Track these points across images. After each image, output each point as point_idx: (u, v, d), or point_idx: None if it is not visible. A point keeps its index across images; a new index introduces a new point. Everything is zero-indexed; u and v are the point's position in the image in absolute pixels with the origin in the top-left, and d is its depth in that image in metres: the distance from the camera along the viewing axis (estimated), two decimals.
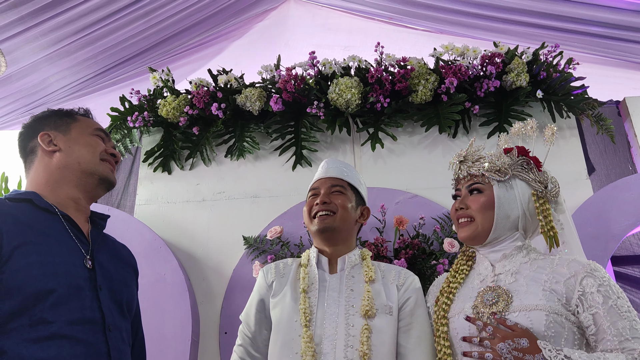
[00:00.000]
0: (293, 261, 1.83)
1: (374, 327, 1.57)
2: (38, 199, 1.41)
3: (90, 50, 3.48)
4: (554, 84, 2.71)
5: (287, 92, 2.71)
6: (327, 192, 1.77)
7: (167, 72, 2.96)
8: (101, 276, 1.41)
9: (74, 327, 1.27)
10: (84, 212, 1.52)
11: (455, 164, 1.70)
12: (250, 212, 2.73)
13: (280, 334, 1.62)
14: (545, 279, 1.49)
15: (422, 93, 2.70)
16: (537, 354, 1.35)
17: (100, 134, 1.58)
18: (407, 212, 2.56)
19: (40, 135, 1.49)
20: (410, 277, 1.74)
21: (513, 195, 1.61)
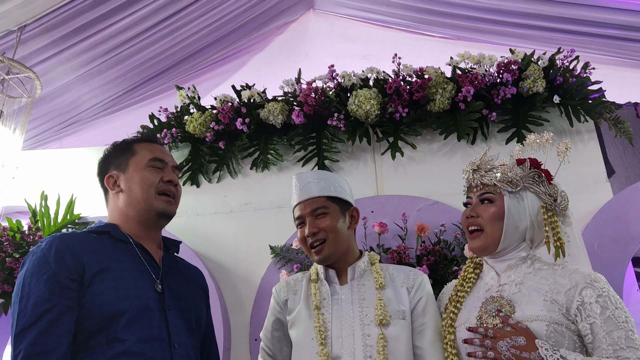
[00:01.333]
0: (303, 276, 1.87)
1: (389, 335, 1.62)
2: (115, 230, 1.59)
3: (119, 69, 3.65)
4: (571, 88, 2.74)
5: (308, 105, 2.81)
6: (312, 219, 1.76)
7: (193, 89, 3.07)
8: (170, 298, 1.56)
9: (143, 345, 1.43)
10: (155, 239, 1.68)
11: (468, 172, 1.74)
12: (276, 222, 2.83)
13: (299, 352, 1.69)
14: (547, 289, 1.54)
15: (439, 102, 2.76)
16: (534, 351, 1.42)
17: (155, 164, 1.65)
18: (428, 219, 2.62)
19: (106, 179, 1.66)
20: (419, 278, 1.77)
21: (523, 207, 1.65)
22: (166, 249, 1.73)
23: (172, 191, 1.66)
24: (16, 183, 2.99)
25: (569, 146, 1.82)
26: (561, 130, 2.79)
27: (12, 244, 2.59)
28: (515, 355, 1.44)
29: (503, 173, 1.68)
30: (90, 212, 2.93)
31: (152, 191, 1.62)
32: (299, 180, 1.85)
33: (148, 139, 1.75)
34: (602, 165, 2.70)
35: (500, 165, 1.74)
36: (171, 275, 1.64)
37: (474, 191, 1.71)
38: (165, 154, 1.72)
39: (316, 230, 1.74)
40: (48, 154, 3.29)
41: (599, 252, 2.40)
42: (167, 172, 1.67)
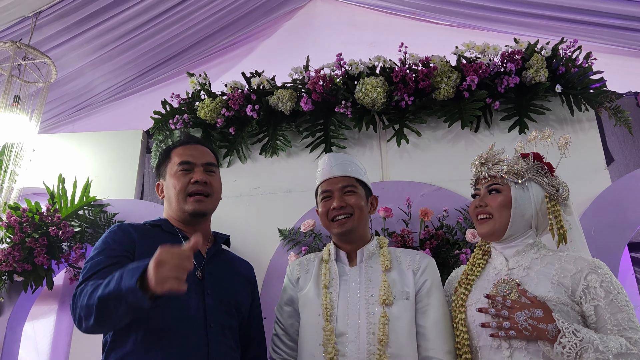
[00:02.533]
0: (315, 256, 1.99)
1: (392, 314, 1.73)
2: (166, 224, 1.79)
3: (130, 54, 3.72)
4: (573, 78, 2.81)
5: (316, 92, 2.88)
6: (341, 194, 1.88)
7: (204, 76, 3.15)
8: (210, 283, 1.72)
9: (178, 323, 1.59)
10: (204, 233, 1.83)
11: (476, 166, 1.86)
12: (285, 205, 2.93)
13: (306, 327, 1.81)
14: (554, 273, 1.67)
15: (444, 90, 2.83)
16: (551, 323, 1.53)
17: (184, 167, 1.80)
18: (431, 204, 2.71)
19: (156, 187, 1.90)
20: (425, 261, 1.87)
21: (528, 197, 1.77)
22: (216, 242, 1.89)
23: (201, 190, 1.79)
24: (33, 166, 3.09)
25: (569, 140, 1.91)
26: (562, 119, 2.86)
27: (31, 225, 2.70)
28: (532, 326, 1.55)
29: (509, 166, 1.80)
30: (106, 194, 3.04)
31: (182, 195, 1.77)
32: (332, 158, 1.96)
33: (182, 142, 1.89)
34: (601, 154, 2.78)
35: (506, 159, 1.84)
36: (213, 265, 1.79)
37: (482, 183, 1.83)
38: (195, 154, 1.84)
39: (344, 204, 1.85)
40: (64, 137, 3.39)
41: (596, 237, 2.49)
42: (196, 172, 1.79)
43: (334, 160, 1.97)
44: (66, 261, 2.74)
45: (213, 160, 1.89)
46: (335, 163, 1.95)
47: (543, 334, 1.53)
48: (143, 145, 3.36)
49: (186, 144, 1.87)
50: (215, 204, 1.87)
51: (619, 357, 1.47)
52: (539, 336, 1.54)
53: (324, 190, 1.92)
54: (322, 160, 2.00)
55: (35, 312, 3.04)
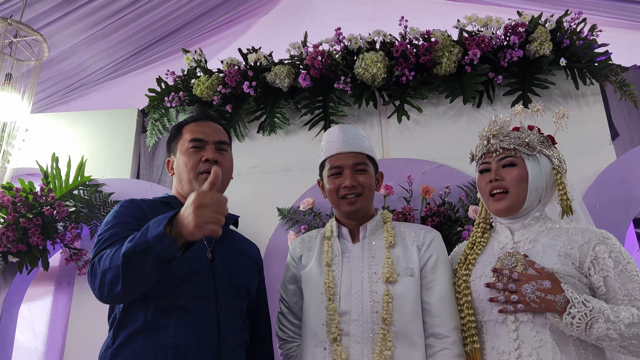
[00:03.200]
0: (317, 233, 1.94)
1: (395, 292, 1.67)
2: (175, 201, 1.74)
3: (124, 32, 3.63)
4: (578, 51, 2.74)
5: (315, 68, 2.82)
6: (352, 172, 1.80)
7: (199, 52, 3.08)
8: (220, 264, 1.67)
9: (191, 301, 1.56)
10: None
11: (485, 138, 1.79)
12: (283, 184, 2.88)
13: (309, 306, 1.76)
14: (561, 245, 1.62)
15: (446, 65, 2.77)
16: (560, 294, 1.49)
17: (195, 144, 1.73)
18: (433, 182, 2.66)
19: (166, 163, 1.83)
20: (430, 235, 1.81)
21: (539, 169, 1.72)
22: (225, 223, 1.81)
23: (210, 169, 1.71)
24: (27, 146, 3.03)
25: (567, 113, 1.85)
26: (567, 94, 2.80)
27: (25, 205, 2.65)
28: (540, 298, 1.50)
29: (520, 138, 1.74)
30: (101, 174, 2.98)
31: (192, 174, 1.71)
32: (343, 131, 1.87)
33: (194, 118, 1.82)
34: (606, 128, 2.73)
35: (514, 130, 1.79)
36: (223, 245, 1.74)
37: (492, 156, 1.75)
38: (207, 131, 1.77)
39: (355, 183, 1.78)
40: (57, 117, 3.32)
41: (601, 212, 2.45)
42: (207, 150, 1.73)
43: (345, 134, 1.87)
44: (61, 242, 2.69)
45: (225, 139, 1.81)
46: (346, 137, 1.85)
47: (551, 305, 1.49)
48: (138, 124, 3.29)
49: (198, 121, 1.80)
50: (226, 183, 1.80)
51: (631, 327, 1.43)
52: (548, 308, 1.50)
53: (334, 165, 1.82)
54: (331, 132, 1.90)
55: (31, 294, 3.00)
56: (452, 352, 1.63)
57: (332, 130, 1.91)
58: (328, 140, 1.89)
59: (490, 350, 1.62)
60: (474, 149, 1.87)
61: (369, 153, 1.87)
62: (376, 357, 1.59)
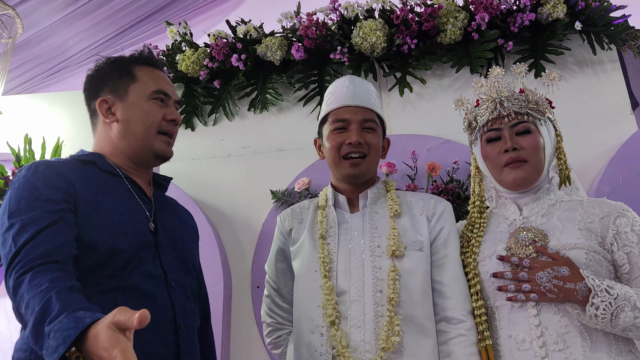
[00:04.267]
0: (310, 203, 1.71)
1: (403, 267, 1.46)
2: (101, 161, 1.41)
3: (106, 9, 3.43)
4: (594, 14, 2.52)
5: (309, 38, 2.60)
6: (359, 128, 1.57)
7: (184, 25, 2.86)
8: (164, 236, 1.42)
9: (142, 280, 1.29)
10: (145, 175, 1.53)
11: (495, 102, 1.56)
12: (277, 165, 2.66)
13: (302, 286, 1.54)
14: (580, 218, 1.44)
15: (451, 32, 2.55)
16: (580, 281, 1.30)
17: (159, 97, 1.46)
18: (439, 158, 2.45)
19: (99, 103, 1.45)
20: (441, 205, 1.60)
21: (549, 136, 1.55)
22: (157, 187, 1.57)
23: (172, 132, 1.50)
24: None
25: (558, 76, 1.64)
26: (582, 61, 2.59)
27: None
28: (557, 287, 1.31)
29: (530, 101, 1.54)
30: None
31: (153, 129, 1.45)
32: (353, 83, 1.64)
33: (150, 62, 1.54)
34: (626, 97, 2.51)
35: (521, 92, 1.58)
36: (164, 214, 1.49)
37: (504, 122, 1.53)
38: (169, 84, 1.53)
39: (362, 141, 1.56)
40: (34, 98, 3.09)
41: (625, 187, 2.23)
42: (170, 108, 1.49)
43: (355, 85, 1.63)
44: None
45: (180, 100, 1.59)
46: (357, 90, 1.62)
47: (571, 294, 1.30)
48: None
49: (154, 67, 1.53)
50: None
51: None
52: (567, 298, 1.31)
53: (340, 118, 1.59)
54: (339, 83, 1.67)
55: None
56: (469, 340, 1.41)
57: (340, 81, 1.67)
58: (334, 92, 1.65)
59: (506, 340, 1.40)
60: (469, 114, 1.65)
61: (379, 112, 1.66)
62: (382, 344, 1.36)
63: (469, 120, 1.65)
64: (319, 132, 1.71)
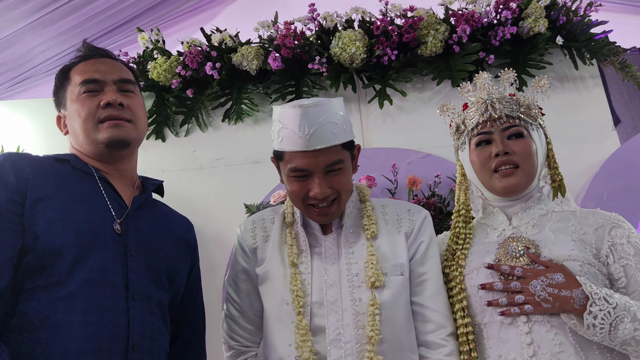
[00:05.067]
0: (273, 214, 1.51)
1: (383, 299, 1.31)
2: (76, 160, 1.33)
3: (75, 17, 3.29)
4: (575, 29, 2.50)
5: (287, 47, 2.51)
6: (323, 176, 1.33)
7: (156, 31, 2.75)
8: (135, 242, 1.28)
9: (90, 290, 1.13)
10: (124, 176, 1.41)
11: (484, 103, 1.47)
12: (252, 178, 2.55)
13: (272, 321, 1.37)
14: (573, 229, 1.36)
15: (431, 44, 2.49)
16: (576, 288, 1.21)
17: (89, 87, 1.34)
18: (420, 172, 2.37)
19: (57, 122, 1.44)
20: (420, 216, 1.47)
21: (540, 142, 1.47)
22: (144, 191, 1.45)
23: (116, 115, 1.34)
24: None
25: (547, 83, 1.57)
26: (563, 76, 2.56)
27: None
28: (552, 295, 1.22)
29: (522, 104, 1.47)
30: None
31: (90, 123, 1.33)
32: (307, 118, 1.30)
33: (82, 57, 1.43)
34: (608, 113, 2.49)
35: (511, 96, 1.51)
36: (141, 218, 1.36)
37: (495, 125, 1.44)
38: (101, 69, 1.38)
39: (329, 191, 1.33)
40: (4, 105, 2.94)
41: (609, 203, 2.18)
42: (107, 93, 1.35)
43: (310, 123, 1.30)
44: None
45: (129, 77, 1.43)
46: (313, 128, 1.30)
47: (567, 303, 1.21)
48: None
49: (89, 58, 1.41)
50: (141, 133, 1.42)
51: None
52: (563, 307, 1.22)
53: (298, 168, 1.33)
54: (291, 117, 1.32)
55: None
56: None
57: (292, 115, 1.32)
58: (286, 127, 1.34)
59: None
60: (457, 118, 1.57)
61: (345, 139, 1.37)
62: None
63: (456, 124, 1.56)
64: (276, 164, 1.46)
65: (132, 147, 1.39)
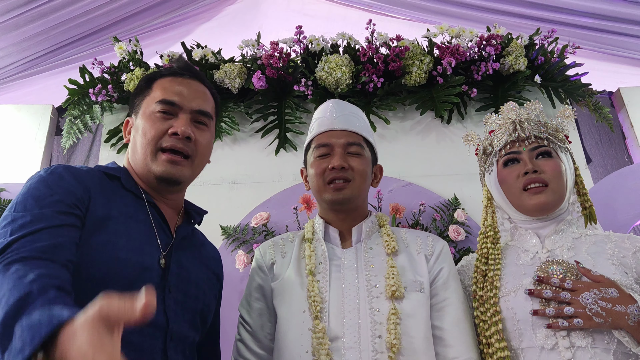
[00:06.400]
0: (295, 235, 1.54)
1: (404, 310, 1.29)
2: (127, 178, 1.23)
3: (41, 24, 3.12)
4: (552, 69, 2.59)
5: (272, 67, 2.47)
6: (344, 153, 1.45)
7: (135, 42, 2.65)
8: (176, 277, 1.18)
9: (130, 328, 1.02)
10: (172, 202, 1.31)
11: (513, 123, 1.47)
12: (229, 199, 2.45)
13: (287, 328, 1.33)
14: (611, 252, 1.33)
15: (416, 74, 2.52)
16: (632, 304, 1.17)
17: (164, 108, 1.25)
18: (401, 201, 2.36)
19: (124, 125, 1.35)
20: (440, 244, 1.47)
21: (568, 165, 1.46)
22: (188, 219, 1.36)
23: (178, 147, 1.23)
24: None
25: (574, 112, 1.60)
26: None
27: None
28: (605, 310, 1.17)
29: (551, 127, 1.49)
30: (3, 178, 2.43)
31: (151, 147, 1.23)
32: (338, 106, 1.55)
33: (172, 71, 1.33)
34: (581, 152, 2.57)
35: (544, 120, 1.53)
36: (184, 251, 1.26)
37: (524, 144, 1.44)
38: (185, 93, 1.28)
39: (346, 165, 1.42)
40: None
41: None
42: (179, 120, 1.25)
43: (339, 109, 1.54)
44: None
45: (208, 109, 1.33)
46: (340, 113, 1.52)
47: (622, 319, 1.16)
48: (52, 123, 2.77)
49: (177, 76, 1.32)
50: (197, 170, 1.34)
51: None
52: (616, 323, 1.17)
53: (322, 143, 1.47)
54: (323, 107, 1.57)
55: None
56: None
57: (325, 105, 1.58)
58: (318, 117, 1.56)
59: None
60: (485, 141, 1.56)
61: (366, 136, 1.52)
62: None
63: (483, 147, 1.55)
64: (305, 160, 1.58)
65: (183, 185, 1.31)
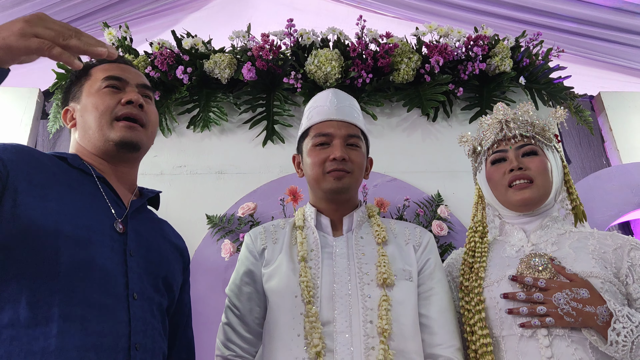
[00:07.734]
0: (285, 222, 1.56)
1: (394, 297, 1.33)
2: (74, 158, 1.25)
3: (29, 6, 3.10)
4: (537, 71, 2.65)
5: (262, 59, 2.48)
6: (343, 144, 1.47)
7: (125, 28, 2.64)
8: (135, 242, 1.21)
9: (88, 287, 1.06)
10: (124, 179, 1.33)
11: (499, 123, 1.53)
12: (215, 188, 2.46)
13: (279, 314, 1.35)
14: (592, 248, 1.38)
15: (404, 72, 2.55)
16: (601, 305, 1.23)
17: (111, 83, 1.30)
18: (386, 195, 2.40)
19: (63, 114, 1.38)
20: (427, 236, 1.52)
21: (556, 163, 1.52)
22: (142, 197, 1.38)
23: (134, 114, 1.29)
24: None
25: (565, 112, 1.66)
26: None
27: None
28: (576, 310, 1.23)
29: (537, 125, 1.53)
30: None
31: (106, 117, 1.27)
32: (337, 96, 1.56)
33: (106, 60, 1.36)
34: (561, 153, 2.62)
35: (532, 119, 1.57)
36: (141, 222, 1.29)
37: (510, 144, 1.50)
38: (127, 71, 1.36)
39: (347, 157, 1.45)
40: None
41: None
42: (128, 92, 1.31)
43: (339, 99, 1.55)
44: None
45: (149, 84, 1.41)
46: (341, 104, 1.54)
47: (591, 319, 1.22)
48: (38, 107, 2.74)
49: (113, 62, 1.37)
50: (150, 140, 1.37)
51: None
52: (585, 322, 1.23)
53: (322, 132, 1.49)
54: (322, 96, 1.58)
55: None
56: None
57: (324, 94, 1.58)
58: (316, 105, 1.56)
59: None
60: (475, 141, 1.61)
61: (363, 129, 1.56)
62: None
63: (473, 146, 1.60)
64: (298, 148, 1.59)
65: (140, 152, 1.34)
